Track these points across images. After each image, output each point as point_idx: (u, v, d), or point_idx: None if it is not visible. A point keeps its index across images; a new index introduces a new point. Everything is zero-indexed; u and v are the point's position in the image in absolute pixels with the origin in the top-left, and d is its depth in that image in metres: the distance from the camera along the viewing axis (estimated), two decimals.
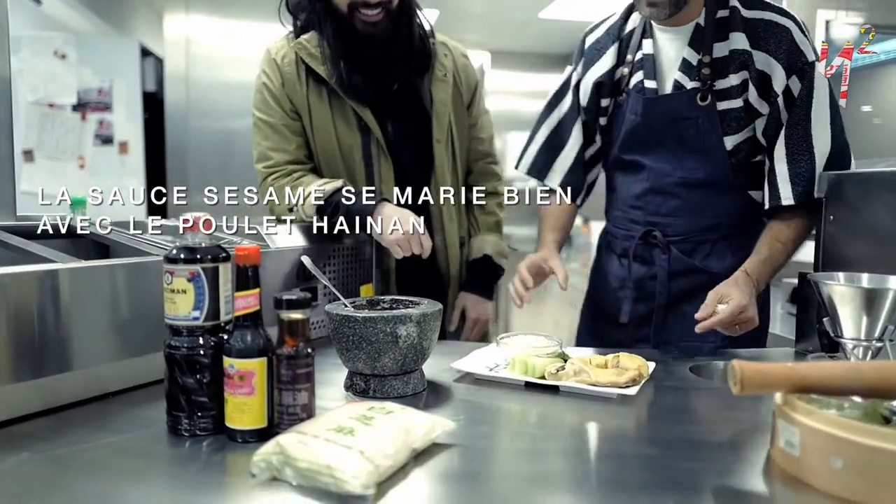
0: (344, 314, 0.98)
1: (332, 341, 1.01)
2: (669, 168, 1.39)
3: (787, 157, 1.30)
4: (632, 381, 1.02)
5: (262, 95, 1.53)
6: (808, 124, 1.28)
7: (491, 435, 0.90)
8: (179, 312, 0.83)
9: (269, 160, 1.52)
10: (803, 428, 0.72)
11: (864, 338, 0.99)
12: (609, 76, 1.44)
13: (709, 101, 1.32)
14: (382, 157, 1.53)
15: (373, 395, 0.99)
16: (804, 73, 1.27)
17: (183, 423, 0.84)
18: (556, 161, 1.53)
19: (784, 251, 1.30)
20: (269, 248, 1.25)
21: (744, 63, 1.29)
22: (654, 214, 1.42)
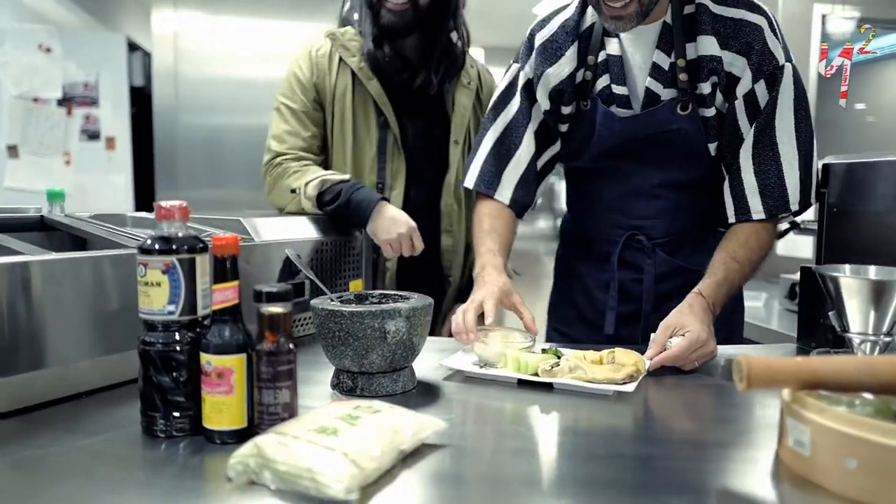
0: (330, 308, 0.93)
1: (318, 337, 0.96)
2: (652, 172, 1.31)
3: (755, 168, 1.22)
4: (629, 378, 0.98)
5: (289, 83, 1.56)
6: (774, 134, 1.21)
7: (483, 435, 0.86)
8: (154, 306, 0.78)
9: (283, 142, 1.53)
10: (814, 426, 0.68)
11: (872, 332, 0.96)
12: (570, 81, 1.30)
13: (690, 109, 1.24)
14: (397, 153, 1.54)
15: (360, 394, 0.95)
16: (774, 79, 1.20)
17: (158, 424, 0.79)
18: (504, 171, 1.36)
19: (741, 271, 1.19)
20: (254, 242, 1.21)
21: (713, 69, 1.20)
22: (636, 217, 1.34)
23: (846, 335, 0.98)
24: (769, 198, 1.21)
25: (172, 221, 0.79)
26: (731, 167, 1.25)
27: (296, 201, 1.44)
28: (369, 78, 1.51)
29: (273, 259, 1.24)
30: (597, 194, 1.39)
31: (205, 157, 3.37)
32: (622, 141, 1.29)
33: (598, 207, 1.39)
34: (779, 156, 1.20)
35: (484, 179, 1.37)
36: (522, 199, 1.37)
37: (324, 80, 1.53)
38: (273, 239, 1.25)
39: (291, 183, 1.45)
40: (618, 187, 1.35)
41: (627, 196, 1.34)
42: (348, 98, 1.52)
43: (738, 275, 1.19)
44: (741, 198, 1.23)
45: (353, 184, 1.42)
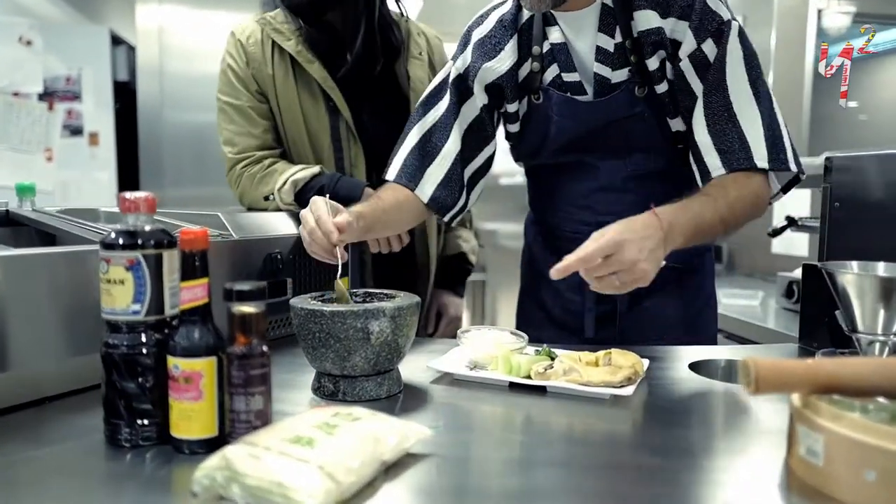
0: (309, 308, 0.88)
1: (298, 339, 0.91)
2: (619, 164, 1.25)
3: (709, 128, 1.14)
4: (626, 381, 0.92)
5: (226, 77, 1.46)
6: (726, 90, 1.13)
7: (472, 443, 0.81)
8: (117, 306, 0.73)
9: (235, 146, 1.44)
10: (829, 434, 0.63)
11: (882, 332, 0.91)
12: (511, 76, 1.24)
13: (647, 90, 1.18)
14: (352, 140, 1.45)
15: (343, 399, 0.90)
16: (720, 35, 1.13)
17: (123, 433, 0.73)
18: (428, 169, 1.29)
19: (711, 204, 1.06)
20: (232, 238, 1.15)
21: (657, 42, 1.15)
22: (605, 214, 1.22)
23: (854, 335, 0.94)
24: (727, 153, 1.12)
25: (138, 214, 0.74)
26: (689, 135, 1.18)
27: (273, 205, 1.38)
28: (310, 61, 1.40)
29: (253, 256, 1.19)
30: (561, 192, 1.33)
31: (191, 154, 3.30)
32: (585, 129, 1.23)
33: (564, 205, 1.33)
34: (734, 112, 1.12)
35: (406, 173, 1.29)
36: (443, 199, 1.29)
37: (261, 70, 1.43)
38: (253, 235, 1.19)
39: (262, 190, 1.39)
40: (585, 182, 1.29)
41: (596, 191, 1.28)
42: (291, 85, 1.42)
43: (707, 206, 1.06)
44: (700, 160, 1.15)
45: (331, 177, 1.36)
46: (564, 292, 1.35)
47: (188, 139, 3.29)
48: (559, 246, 1.34)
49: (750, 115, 1.13)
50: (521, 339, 1.07)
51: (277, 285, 1.24)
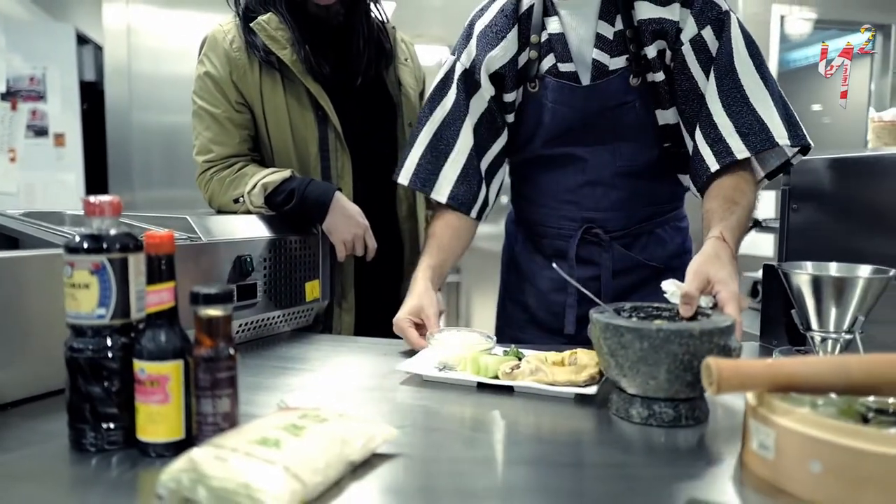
0: (673, 328, 0.81)
1: (624, 364, 0.83)
2: (607, 158, 1.27)
3: (727, 112, 1.14)
4: (590, 379, 0.94)
5: (204, 83, 1.42)
6: (736, 76, 1.16)
7: (440, 443, 0.82)
8: (82, 310, 0.72)
9: (210, 153, 1.43)
10: (779, 429, 0.66)
11: (834, 330, 0.95)
12: (512, 65, 1.26)
13: (641, 80, 1.22)
14: (340, 149, 1.44)
15: (687, 424, 0.84)
16: (721, 24, 1.17)
17: (88, 437, 0.73)
18: (442, 169, 1.30)
19: (745, 215, 1.11)
20: (202, 241, 1.15)
21: (657, 31, 1.18)
22: (592, 210, 1.29)
23: (809, 333, 0.97)
24: (749, 134, 1.13)
25: (103, 217, 0.73)
26: (700, 116, 1.19)
27: (244, 207, 1.37)
28: (303, 74, 1.38)
29: (222, 259, 1.18)
30: (548, 186, 1.34)
31: (161, 155, 3.26)
32: (579, 119, 1.25)
33: (549, 200, 1.34)
34: (747, 97, 1.15)
35: (420, 177, 1.31)
36: (463, 197, 1.30)
37: (245, 78, 1.39)
38: (222, 238, 1.19)
39: (232, 193, 1.38)
40: (573, 177, 1.30)
41: (583, 186, 1.29)
42: (279, 93, 1.39)
43: (744, 218, 1.11)
44: (719, 141, 1.15)
45: (301, 180, 1.36)
46: (549, 293, 1.36)
47: (158, 141, 3.25)
48: (543, 244, 1.38)
49: (762, 97, 1.16)
50: (490, 340, 1.09)
51: (247, 288, 1.23)
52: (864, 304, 0.92)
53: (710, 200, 1.15)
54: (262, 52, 1.38)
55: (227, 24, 1.44)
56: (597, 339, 0.88)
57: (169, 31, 3.25)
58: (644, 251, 1.30)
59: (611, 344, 0.84)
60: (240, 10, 1.43)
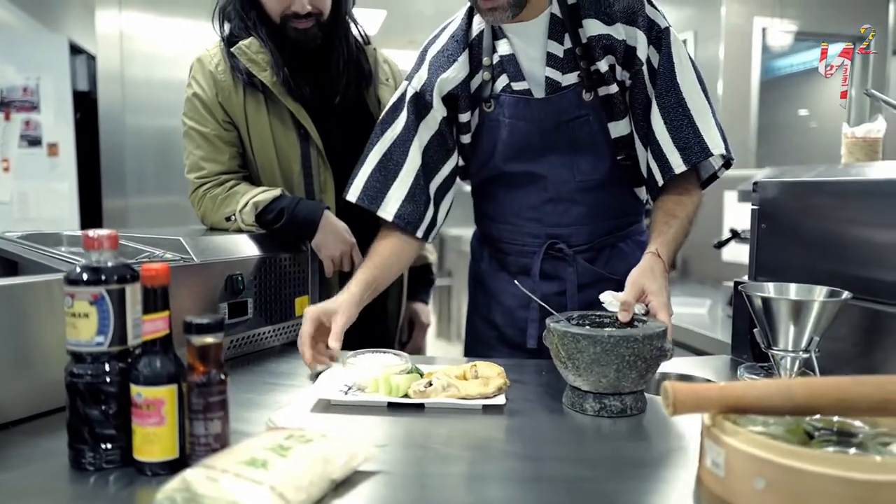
0: (620, 335, 0.96)
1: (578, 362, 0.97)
2: (567, 174, 1.31)
3: (668, 127, 1.23)
4: (497, 391, 1.03)
5: (192, 105, 1.48)
6: (679, 90, 1.24)
7: (421, 460, 0.87)
8: (81, 338, 0.77)
9: (201, 170, 1.48)
10: (728, 448, 0.71)
11: (792, 348, 1.00)
12: (465, 86, 1.30)
13: (593, 95, 1.27)
14: (322, 166, 1.50)
15: (630, 413, 1.00)
16: (660, 41, 1.24)
17: (87, 456, 0.78)
18: (390, 188, 1.33)
19: (683, 227, 1.23)
20: (195, 262, 1.19)
21: (606, 47, 1.23)
22: (555, 226, 1.34)
23: (769, 351, 1.03)
24: (686, 149, 1.23)
25: (101, 251, 0.78)
26: (648, 135, 1.27)
27: (235, 226, 1.42)
28: (283, 94, 1.43)
29: (215, 278, 1.23)
30: (510, 204, 1.37)
31: (153, 162, 3.30)
32: (536, 128, 1.29)
33: (512, 218, 1.38)
34: (688, 109, 1.23)
35: (368, 195, 1.34)
36: (410, 216, 1.33)
37: (230, 99, 1.45)
38: (214, 259, 1.24)
39: (224, 211, 1.43)
40: (534, 194, 1.34)
41: (545, 203, 1.34)
42: (262, 114, 1.45)
43: (681, 231, 1.24)
44: (662, 156, 1.25)
45: (291, 199, 1.41)
46: (515, 310, 1.41)
47: (151, 145, 3.29)
48: (507, 261, 1.41)
49: (702, 109, 1.25)
50: (404, 362, 1.13)
51: (238, 305, 1.28)
52: (819, 325, 0.98)
53: (654, 213, 1.28)
54: (244, 75, 1.44)
55: (213, 48, 1.51)
56: (555, 345, 1.01)
57: (161, 36, 3.29)
58: (607, 265, 1.35)
59: (568, 349, 0.99)
60: (224, 36, 1.49)
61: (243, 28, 1.46)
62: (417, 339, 1.76)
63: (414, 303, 1.76)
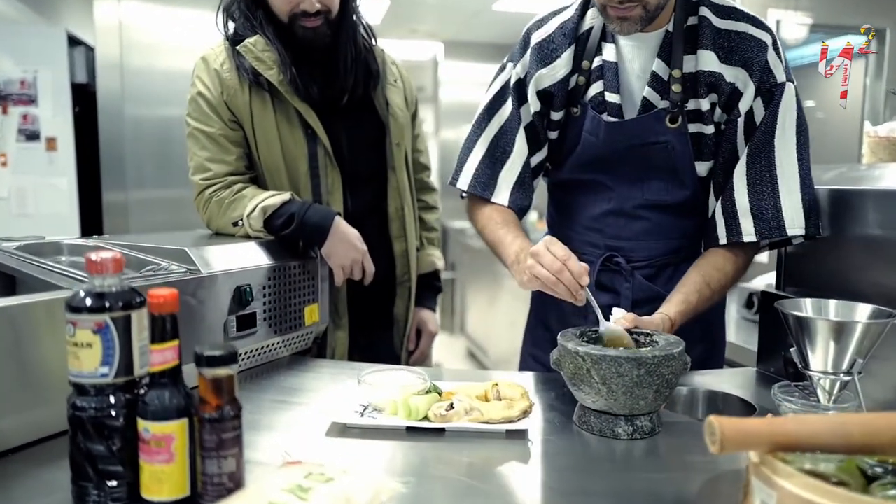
0: (661, 354, 0.93)
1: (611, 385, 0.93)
2: (635, 190, 1.27)
3: (749, 190, 1.18)
4: (523, 414, 0.98)
5: (197, 105, 1.42)
6: (772, 154, 1.17)
7: (435, 495, 0.82)
8: (84, 369, 0.72)
9: (207, 171, 1.42)
10: (782, 492, 0.66)
11: (832, 370, 0.95)
12: (562, 85, 1.26)
13: (679, 122, 1.20)
14: (330, 166, 1.45)
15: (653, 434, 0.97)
16: (771, 96, 1.17)
17: (91, 495, 0.73)
18: (500, 174, 1.31)
19: (709, 299, 1.18)
20: (201, 274, 1.14)
21: (713, 85, 1.18)
22: (615, 238, 1.30)
23: (807, 372, 0.98)
24: (761, 220, 1.18)
25: (105, 275, 0.73)
26: (724, 188, 1.22)
27: (242, 231, 1.37)
28: (290, 92, 1.39)
29: (222, 291, 1.18)
30: (576, 211, 1.35)
31: (154, 154, 3.24)
32: (606, 150, 1.25)
33: (576, 225, 1.35)
34: (776, 177, 1.17)
35: (480, 182, 1.32)
36: (520, 202, 1.32)
37: (236, 98, 1.40)
38: (221, 269, 1.19)
39: (231, 215, 1.38)
40: (598, 204, 1.31)
41: (607, 214, 1.30)
42: (269, 113, 1.40)
43: (706, 303, 1.18)
44: (733, 219, 1.20)
45: (301, 204, 1.36)
46: (570, 316, 1.36)
47: (151, 136, 3.22)
48: None
49: (791, 183, 1.18)
50: (422, 379, 1.07)
51: (247, 318, 1.23)
52: (862, 347, 0.92)
53: (693, 269, 1.22)
54: (250, 74, 1.39)
55: (218, 46, 1.46)
56: (583, 369, 0.95)
57: (161, 26, 3.22)
58: (668, 284, 1.27)
59: (605, 373, 0.93)
60: (228, 34, 1.44)
61: (249, 27, 1.41)
62: (424, 348, 1.71)
63: (421, 310, 1.71)
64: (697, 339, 1.26)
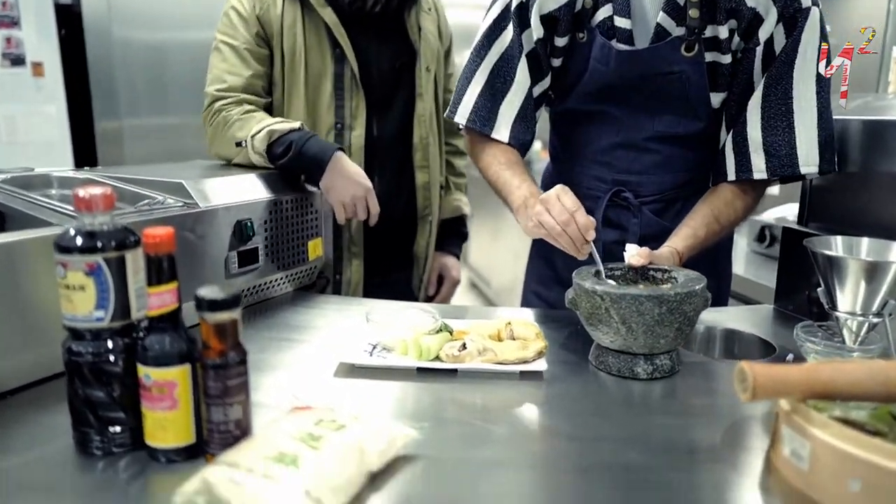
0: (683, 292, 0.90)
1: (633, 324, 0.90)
2: (645, 122, 1.19)
3: (763, 124, 1.12)
4: (538, 355, 0.95)
5: (228, 19, 1.40)
6: (790, 86, 1.10)
7: (450, 440, 0.79)
8: (78, 312, 0.68)
9: (222, 83, 1.37)
10: (816, 442, 0.63)
11: (861, 311, 0.91)
12: (568, 9, 1.15)
13: (695, 51, 1.11)
14: (355, 88, 1.40)
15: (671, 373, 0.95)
16: (794, 23, 1.08)
17: (94, 441, 0.70)
18: (500, 107, 1.23)
19: (718, 234, 1.14)
20: (199, 208, 1.09)
21: (733, 10, 1.08)
22: (623, 172, 1.23)
23: (834, 313, 0.94)
24: (774, 157, 1.12)
25: (95, 213, 0.68)
26: (737, 120, 1.15)
27: (243, 154, 1.32)
28: (323, 6, 1.36)
29: (222, 225, 1.13)
30: (582, 143, 1.27)
31: (147, 80, 3.10)
32: (616, 80, 1.17)
33: (582, 158, 1.28)
34: (792, 111, 1.10)
35: (479, 116, 1.23)
36: (522, 137, 1.24)
37: (268, 12, 1.37)
38: (221, 203, 1.13)
39: (235, 134, 1.32)
40: (606, 136, 1.23)
41: (616, 147, 1.23)
42: (298, 29, 1.37)
43: (713, 237, 1.15)
44: (744, 154, 1.14)
45: (303, 134, 1.29)
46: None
47: (142, 61, 3.08)
48: None
49: (808, 117, 1.11)
50: (433, 318, 1.03)
51: (248, 253, 1.19)
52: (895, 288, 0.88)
53: (701, 202, 1.18)
54: None
55: None
56: (602, 308, 0.91)
57: None
58: (676, 219, 1.21)
59: (625, 312, 0.89)
60: None
61: None
62: (446, 294, 1.67)
63: (445, 256, 1.67)
64: (703, 274, 1.21)
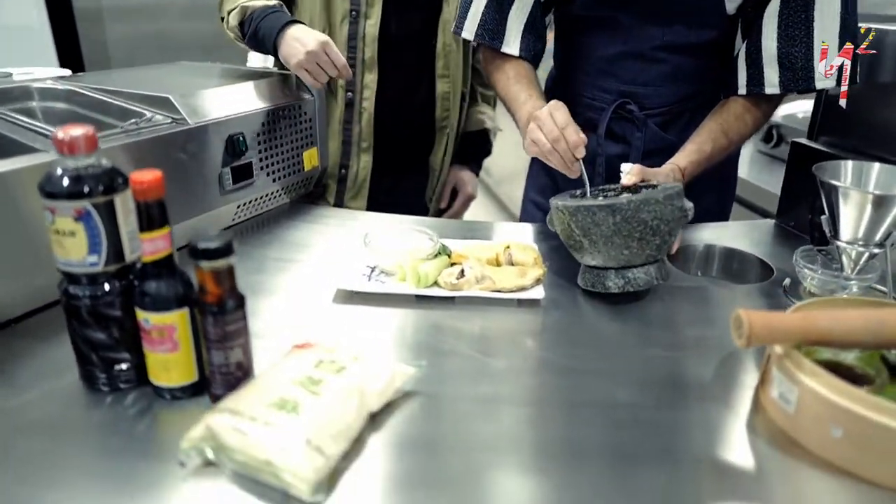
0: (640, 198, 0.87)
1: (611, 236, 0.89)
2: (654, 30, 1.12)
3: (780, 34, 1.05)
4: (536, 282, 0.95)
5: None
6: None
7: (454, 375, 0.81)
8: (72, 257, 0.67)
9: None
10: (804, 388, 0.65)
11: (863, 241, 0.91)
12: None
13: None
14: None
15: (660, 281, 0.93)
16: None
17: (100, 378, 0.72)
18: (508, 17, 1.17)
19: (725, 149, 1.11)
20: (188, 125, 1.05)
21: None
22: (629, 83, 1.17)
23: (836, 241, 0.93)
24: (788, 70, 1.06)
25: (77, 156, 0.65)
26: (752, 29, 1.09)
27: (231, 30, 1.32)
28: None
29: (213, 142, 1.09)
30: (588, 52, 1.21)
31: None
32: None
33: (587, 67, 1.22)
34: (812, 19, 1.03)
35: (488, 29, 1.18)
36: (533, 46, 1.19)
37: None
38: (211, 118, 1.09)
39: (225, 6, 1.31)
40: (613, 45, 1.17)
41: (623, 57, 1.16)
42: None
43: (721, 153, 1.11)
44: (757, 66, 1.09)
45: (263, 9, 1.24)
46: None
47: None
48: (575, 113, 1.25)
49: (830, 26, 1.03)
50: (431, 241, 1.01)
51: (242, 168, 1.16)
52: None
53: (710, 116, 1.13)
54: None
55: None
56: (565, 223, 0.92)
57: None
58: (682, 133, 1.17)
59: (583, 224, 0.89)
60: None
61: None
62: (458, 209, 1.63)
63: (461, 169, 1.61)
64: (707, 188, 1.20)
